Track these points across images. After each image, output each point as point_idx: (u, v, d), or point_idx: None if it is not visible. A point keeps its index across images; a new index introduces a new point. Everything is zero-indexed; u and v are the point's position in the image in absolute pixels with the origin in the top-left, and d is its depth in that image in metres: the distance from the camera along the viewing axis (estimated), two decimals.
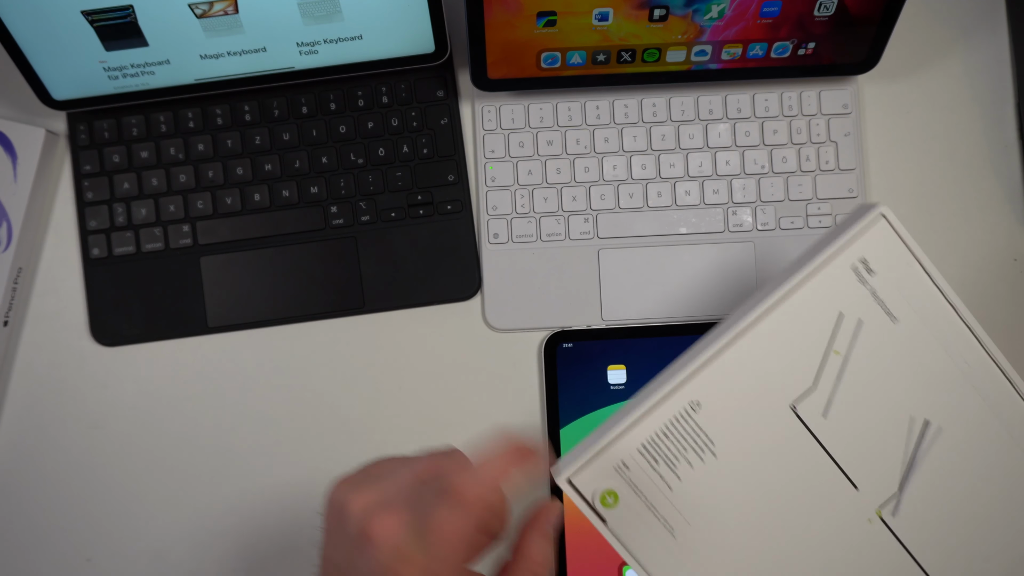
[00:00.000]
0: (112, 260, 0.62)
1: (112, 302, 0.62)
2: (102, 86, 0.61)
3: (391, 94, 0.64)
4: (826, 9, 0.59)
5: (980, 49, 0.68)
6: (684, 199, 0.65)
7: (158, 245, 0.63)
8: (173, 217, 0.63)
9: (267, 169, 0.63)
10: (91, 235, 0.63)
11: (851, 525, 0.44)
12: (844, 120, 0.66)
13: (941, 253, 0.67)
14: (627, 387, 0.63)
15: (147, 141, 0.63)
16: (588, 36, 0.60)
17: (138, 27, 0.56)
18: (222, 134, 0.63)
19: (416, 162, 0.63)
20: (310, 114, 0.64)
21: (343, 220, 0.63)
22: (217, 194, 0.63)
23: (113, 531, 0.61)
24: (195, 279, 0.62)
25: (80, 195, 0.63)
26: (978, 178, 0.67)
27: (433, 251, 0.63)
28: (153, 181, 0.63)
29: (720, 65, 0.63)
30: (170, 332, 0.62)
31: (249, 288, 0.62)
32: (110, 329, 0.62)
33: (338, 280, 0.62)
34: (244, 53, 0.59)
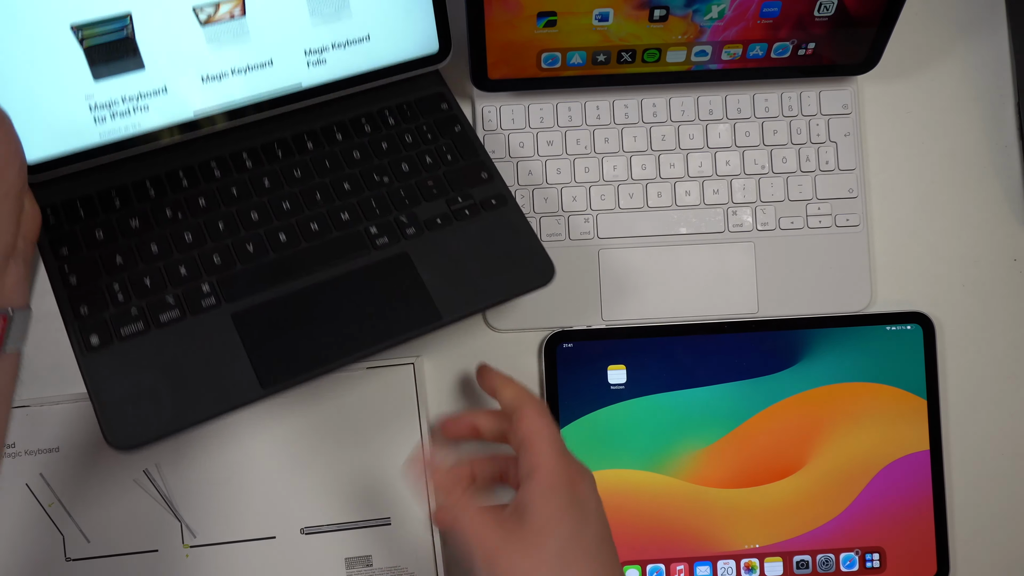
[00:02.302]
0: (118, 345, 0.51)
1: (128, 393, 0.50)
2: (85, 136, 0.52)
3: (396, 115, 0.60)
4: (826, 9, 0.59)
5: (980, 49, 0.68)
6: (684, 199, 0.65)
7: (175, 313, 0.52)
8: (187, 278, 0.53)
9: (285, 207, 0.56)
10: (84, 322, 0.51)
11: None
12: (844, 120, 0.66)
13: (941, 253, 0.67)
14: (627, 387, 0.63)
15: (132, 207, 0.54)
16: (588, 36, 0.60)
17: (135, 44, 0.50)
18: (223, 183, 0.56)
19: (444, 168, 0.59)
20: (316, 148, 0.58)
21: (387, 238, 0.56)
22: (234, 243, 0.55)
23: None
24: (230, 341, 0.52)
25: (63, 281, 0.52)
26: (978, 178, 0.67)
27: (493, 246, 0.57)
28: (152, 247, 0.54)
29: (720, 65, 0.63)
30: (212, 409, 0.50)
31: (303, 332, 0.52)
32: (130, 428, 0.49)
33: (403, 299, 0.54)
34: (249, 70, 0.55)
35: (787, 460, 0.63)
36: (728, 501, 0.63)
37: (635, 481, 0.63)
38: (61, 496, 0.60)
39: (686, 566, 0.62)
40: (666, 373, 0.63)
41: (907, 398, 0.64)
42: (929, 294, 0.66)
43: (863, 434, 0.63)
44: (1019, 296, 0.66)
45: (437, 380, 0.64)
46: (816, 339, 0.64)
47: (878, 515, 0.63)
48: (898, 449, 0.63)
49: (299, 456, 0.61)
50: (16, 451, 0.60)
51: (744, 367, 0.63)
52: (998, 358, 0.66)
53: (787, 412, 0.63)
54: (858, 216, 0.65)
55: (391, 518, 0.61)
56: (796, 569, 0.63)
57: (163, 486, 0.61)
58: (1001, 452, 0.65)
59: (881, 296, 0.66)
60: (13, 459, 0.60)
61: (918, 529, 0.63)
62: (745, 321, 0.64)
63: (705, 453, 0.63)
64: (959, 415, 0.65)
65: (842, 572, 0.63)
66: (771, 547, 0.63)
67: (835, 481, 0.63)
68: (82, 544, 0.60)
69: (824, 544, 0.63)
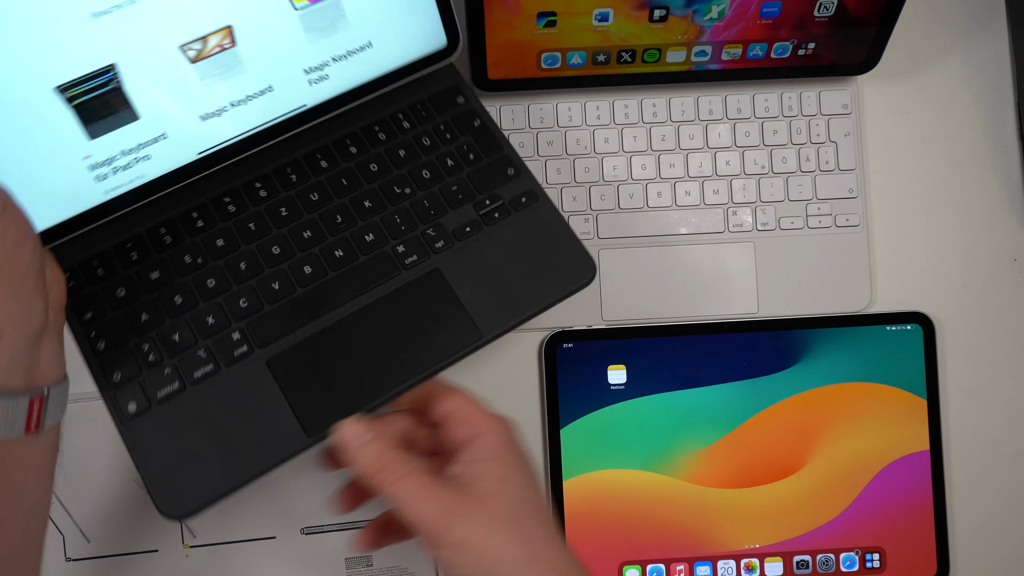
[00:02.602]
0: (156, 408, 0.49)
1: (173, 458, 0.48)
2: (88, 196, 0.49)
3: (410, 117, 0.56)
4: (826, 9, 0.59)
5: (980, 49, 0.68)
6: (684, 199, 0.65)
7: (208, 368, 0.49)
8: (215, 328, 0.50)
9: (307, 236, 0.53)
10: (118, 389, 0.49)
11: None
12: (844, 120, 0.66)
13: (941, 253, 0.67)
14: (627, 387, 0.63)
15: (150, 259, 0.52)
16: (588, 36, 0.60)
17: (124, 94, 0.47)
18: (239, 219, 0.53)
19: (467, 170, 0.56)
20: (331, 166, 0.55)
21: (416, 256, 0.53)
22: (259, 284, 0.52)
23: None
24: (269, 389, 0.49)
25: (92, 349, 0.50)
26: (978, 178, 0.67)
27: (527, 250, 0.54)
28: (176, 299, 0.51)
29: (720, 65, 0.63)
30: (260, 465, 0.48)
31: (342, 371, 0.50)
32: (181, 495, 0.47)
33: (440, 320, 0.51)
34: (249, 99, 0.51)
35: (787, 460, 0.63)
36: (728, 501, 0.63)
37: (635, 481, 0.63)
38: (61, 496, 0.60)
39: (686, 566, 0.62)
40: (666, 373, 0.63)
41: (907, 398, 0.64)
42: (929, 294, 0.66)
43: (863, 434, 0.63)
44: (1019, 296, 0.66)
45: (437, 380, 0.64)
46: (816, 339, 0.64)
47: (878, 515, 0.63)
48: (898, 449, 0.63)
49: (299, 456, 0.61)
50: None
51: (744, 367, 0.63)
52: (998, 358, 0.66)
53: (787, 412, 0.63)
54: (858, 216, 0.65)
55: None
56: (796, 569, 0.63)
57: None
58: (1001, 452, 0.65)
59: (881, 296, 0.66)
60: None
61: (918, 529, 0.63)
62: (745, 321, 0.64)
63: (705, 453, 0.63)
64: (959, 415, 0.65)
65: (842, 572, 0.63)
66: (771, 547, 0.63)
67: (835, 481, 0.63)
68: (82, 544, 0.60)
69: (824, 544, 0.63)
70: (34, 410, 0.43)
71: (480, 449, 0.47)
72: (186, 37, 0.47)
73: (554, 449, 0.62)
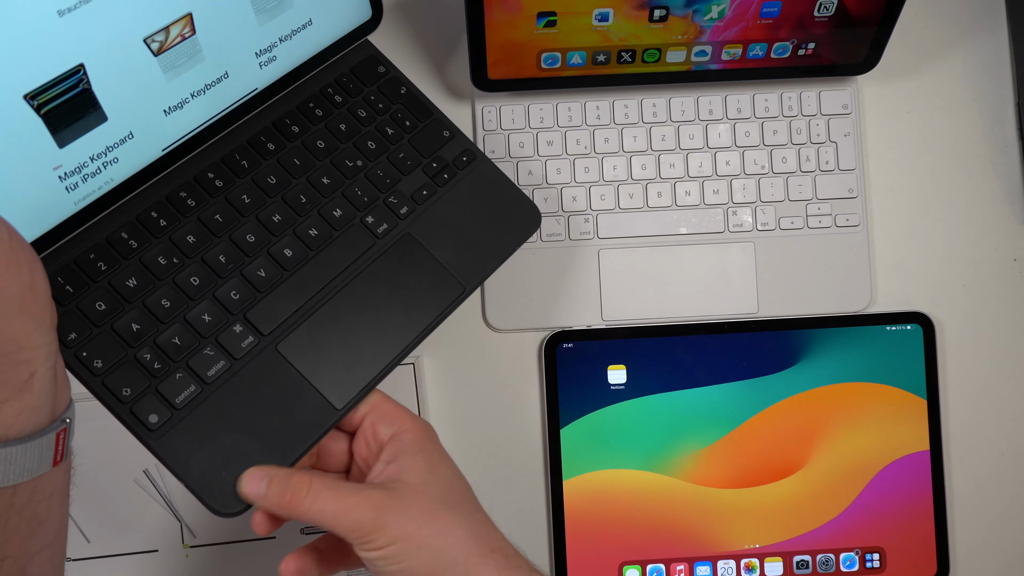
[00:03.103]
0: (179, 415, 0.47)
1: (213, 460, 0.47)
2: (59, 208, 0.47)
3: (339, 91, 0.58)
4: (826, 9, 0.59)
5: (980, 49, 0.68)
6: (684, 199, 0.65)
7: (222, 364, 0.49)
8: (215, 325, 0.50)
9: (277, 220, 0.53)
10: (134, 405, 0.47)
11: None
12: (844, 120, 0.66)
13: (941, 253, 0.67)
14: (627, 387, 0.63)
15: (120, 266, 0.50)
16: (588, 36, 0.60)
17: (93, 96, 0.46)
18: (204, 211, 0.52)
19: (408, 136, 0.58)
20: (279, 147, 0.55)
21: (386, 224, 0.55)
22: (245, 273, 0.51)
23: None
24: (286, 373, 0.50)
25: (89, 370, 0.47)
26: (978, 178, 0.67)
27: (482, 204, 0.57)
28: (163, 303, 0.49)
29: (720, 65, 0.63)
30: (300, 445, 0.49)
31: (351, 344, 0.51)
32: (231, 492, 0.47)
33: (425, 281, 0.54)
34: (208, 88, 0.51)
35: (787, 460, 0.63)
36: (728, 501, 0.63)
37: (635, 481, 0.63)
38: None
39: (686, 566, 0.62)
40: (666, 373, 0.63)
41: (907, 398, 0.64)
42: (929, 294, 0.66)
43: (863, 434, 0.63)
44: (1019, 296, 0.66)
45: (437, 380, 0.64)
46: (816, 339, 0.64)
47: (878, 515, 0.63)
48: (898, 449, 0.63)
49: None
50: None
51: (744, 367, 0.63)
52: (998, 358, 0.66)
53: (787, 412, 0.63)
54: (858, 216, 0.65)
55: None
56: (796, 569, 0.63)
57: (163, 486, 0.61)
58: (1001, 452, 0.65)
59: (881, 296, 0.66)
60: None
61: (918, 529, 0.63)
62: (745, 321, 0.64)
63: (705, 453, 0.63)
64: (959, 415, 0.65)
65: (842, 572, 0.63)
66: (771, 547, 0.63)
67: (835, 481, 0.63)
68: (82, 544, 0.60)
69: (824, 544, 0.63)
70: (60, 441, 0.42)
71: (401, 444, 0.47)
72: (150, 28, 0.46)
73: (554, 449, 0.62)
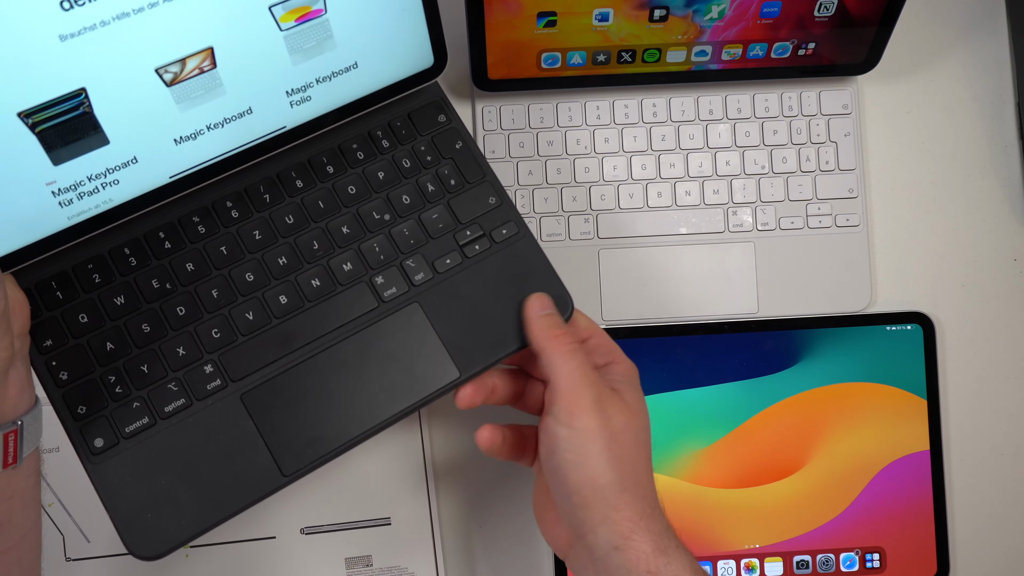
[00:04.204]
0: (125, 445, 0.47)
1: (143, 498, 0.46)
2: (51, 222, 0.46)
3: (389, 135, 0.54)
4: (826, 9, 0.59)
5: (980, 49, 0.68)
6: (684, 199, 0.65)
7: (180, 402, 0.47)
8: (187, 360, 0.48)
9: (282, 263, 0.50)
10: (84, 423, 0.47)
11: None
12: (844, 120, 0.66)
13: (941, 253, 0.67)
14: None
15: (114, 282, 0.49)
16: (588, 36, 0.60)
17: (94, 119, 0.44)
18: (210, 242, 0.50)
19: (448, 197, 0.53)
20: (307, 186, 0.52)
21: (395, 289, 0.51)
22: (232, 313, 0.49)
23: None
24: (243, 426, 0.48)
25: (53, 380, 0.47)
26: (978, 178, 0.67)
27: (509, 284, 0.52)
28: (144, 327, 0.48)
29: (720, 65, 0.63)
30: (234, 505, 0.47)
31: (318, 408, 0.48)
32: (152, 536, 0.46)
33: (418, 358, 0.50)
34: (227, 122, 0.48)
35: (787, 460, 0.63)
36: (728, 501, 0.63)
37: None
38: (61, 496, 0.60)
39: None
40: (666, 373, 0.63)
41: (907, 398, 0.64)
42: (929, 294, 0.66)
43: (863, 434, 0.63)
44: (1019, 296, 0.66)
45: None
46: (816, 339, 0.64)
47: (878, 515, 0.63)
48: (898, 449, 0.63)
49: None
50: None
51: (744, 367, 0.63)
52: (998, 358, 0.66)
53: (787, 412, 0.63)
54: (858, 216, 0.65)
55: (391, 518, 0.61)
56: (796, 569, 0.63)
57: None
58: (1001, 452, 0.65)
59: (881, 296, 0.66)
60: None
61: (918, 529, 0.63)
62: (745, 321, 0.64)
63: (705, 453, 0.63)
64: (959, 415, 0.65)
65: (842, 572, 0.63)
66: (771, 547, 0.63)
67: (835, 481, 0.63)
68: (82, 544, 0.60)
69: (824, 544, 0.63)
70: (10, 444, 0.42)
71: (618, 372, 0.50)
72: (163, 60, 0.44)
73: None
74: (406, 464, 0.61)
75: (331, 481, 0.61)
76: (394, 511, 0.61)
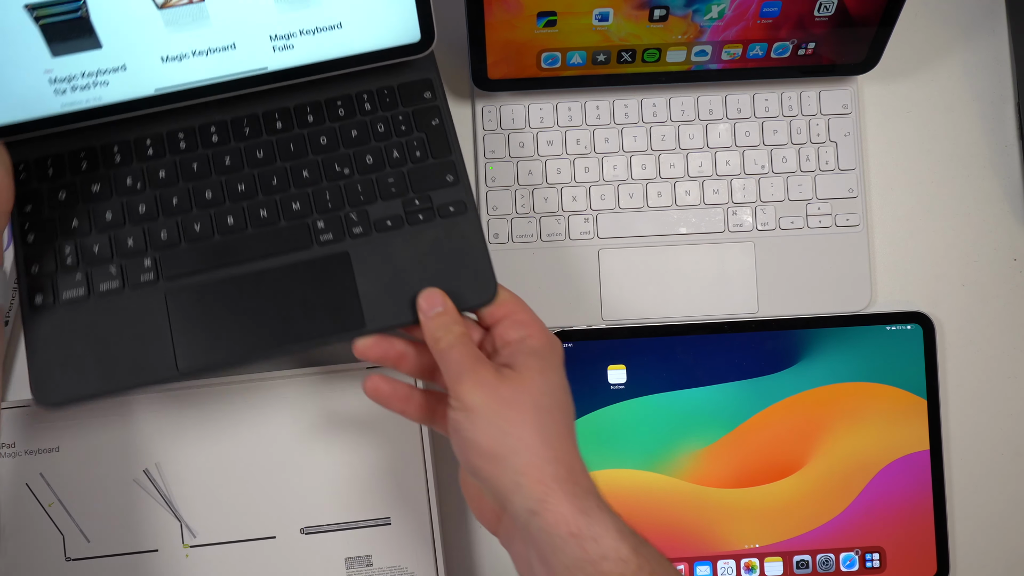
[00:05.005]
0: (58, 307, 0.53)
1: (58, 356, 0.52)
2: (47, 104, 0.53)
3: (374, 100, 0.57)
4: (826, 9, 0.59)
5: (980, 49, 0.68)
6: (684, 199, 0.65)
7: (114, 284, 0.53)
8: (132, 251, 0.54)
9: (240, 189, 0.55)
10: (33, 280, 0.53)
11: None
12: (844, 120, 0.66)
13: (941, 253, 0.67)
14: (627, 387, 0.63)
15: (97, 172, 0.55)
16: (588, 36, 0.60)
17: (90, 24, 0.50)
18: (186, 157, 0.56)
19: (409, 166, 0.56)
20: (285, 128, 0.57)
21: (332, 235, 0.55)
22: (183, 221, 0.55)
23: None
24: (160, 318, 0.53)
25: (22, 238, 0.54)
26: (978, 178, 0.67)
27: (439, 257, 0.55)
28: (107, 215, 0.54)
29: (720, 65, 0.63)
30: (129, 383, 0.53)
31: (227, 321, 0.53)
32: (55, 389, 0.52)
33: (331, 301, 0.54)
34: (211, 52, 0.53)
35: (787, 460, 0.63)
36: (728, 501, 0.63)
37: (635, 481, 0.63)
38: (61, 496, 0.60)
39: (686, 566, 0.62)
40: (666, 373, 0.63)
41: (907, 398, 0.64)
42: (929, 294, 0.66)
43: (863, 434, 0.63)
44: (1019, 296, 0.66)
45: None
46: (816, 339, 0.64)
47: (878, 515, 0.63)
48: (898, 449, 0.63)
49: (299, 456, 0.61)
50: (16, 451, 0.60)
51: (744, 367, 0.63)
52: (998, 358, 0.66)
53: (787, 412, 0.63)
54: (858, 216, 0.65)
55: (391, 518, 0.61)
56: (796, 569, 0.63)
57: (163, 486, 0.61)
58: (1001, 452, 0.65)
59: (881, 296, 0.66)
60: (13, 459, 0.60)
61: (918, 529, 0.63)
62: (745, 321, 0.64)
63: (705, 453, 0.63)
64: (959, 415, 0.65)
65: (842, 572, 0.63)
66: (771, 547, 0.63)
67: (835, 481, 0.63)
68: (82, 544, 0.60)
69: (824, 544, 0.63)
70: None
71: (526, 345, 0.51)
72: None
73: None
74: (406, 464, 0.61)
75: (331, 481, 0.61)
76: (394, 511, 0.61)
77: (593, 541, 0.45)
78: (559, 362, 0.51)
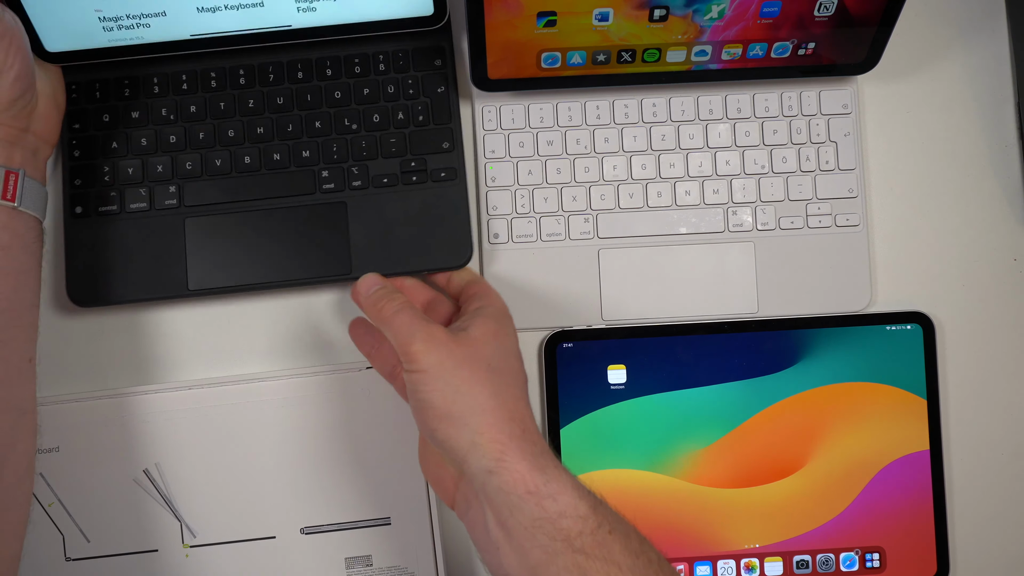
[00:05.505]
0: (94, 218, 0.61)
1: (91, 261, 0.61)
2: (96, 38, 0.60)
3: (388, 61, 0.63)
4: (826, 9, 0.59)
5: (980, 49, 0.68)
6: (684, 199, 0.65)
7: (143, 205, 0.61)
8: (160, 177, 0.62)
9: (259, 132, 0.62)
10: (75, 192, 0.61)
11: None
12: (844, 120, 0.66)
13: (941, 253, 0.67)
14: (627, 387, 0.63)
15: (138, 100, 0.62)
16: (588, 36, 0.60)
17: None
18: (215, 95, 0.63)
19: (411, 129, 0.62)
20: (305, 79, 0.63)
21: (334, 185, 0.62)
22: (206, 155, 0.62)
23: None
24: (178, 241, 0.61)
25: (69, 153, 0.62)
26: (978, 178, 0.67)
27: (425, 218, 0.61)
28: (142, 141, 0.62)
29: (720, 65, 0.63)
30: (147, 294, 0.61)
31: (233, 251, 0.61)
32: (87, 289, 0.61)
33: (326, 246, 0.61)
34: (242, 7, 0.59)
35: (787, 460, 0.63)
36: (728, 501, 0.63)
37: (635, 481, 0.63)
38: (61, 496, 0.60)
39: (686, 566, 0.62)
40: (666, 373, 0.63)
41: (907, 398, 0.64)
42: (929, 294, 0.66)
43: (863, 434, 0.63)
44: (1019, 296, 0.66)
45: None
46: (816, 339, 0.64)
47: (878, 515, 0.63)
48: (898, 449, 0.63)
49: (299, 456, 0.61)
50: None
51: (744, 367, 0.63)
52: (998, 358, 0.66)
53: (787, 412, 0.63)
54: (858, 216, 0.65)
55: (391, 518, 0.61)
56: (796, 569, 0.63)
57: (163, 486, 0.61)
58: (1001, 452, 0.65)
59: (881, 296, 0.66)
60: None
61: (918, 529, 0.63)
62: (745, 321, 0.64)
63: (705, 453, 0.63)
64: (959, 415, 0.65)
65: (842, 572, 0.63)
66: (771, 547, 0.63)
67: (835, 481, 0.63)
68: (82, 544, 0.60)
69: (824, 544, 0.63)
70: (10, 182, 0.53)
71: (483, 311, 0.53)
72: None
73: (554, 448, 0.62)
74: (406, 464, 0.61)
75: (331, 481, 0.61)
76: (394, 511, 0.61)
77: (551, 499, 0.45)
78: (513, 331, 0.54)
